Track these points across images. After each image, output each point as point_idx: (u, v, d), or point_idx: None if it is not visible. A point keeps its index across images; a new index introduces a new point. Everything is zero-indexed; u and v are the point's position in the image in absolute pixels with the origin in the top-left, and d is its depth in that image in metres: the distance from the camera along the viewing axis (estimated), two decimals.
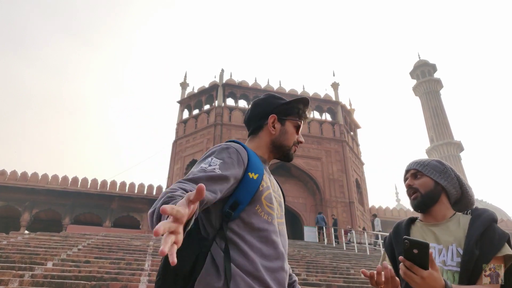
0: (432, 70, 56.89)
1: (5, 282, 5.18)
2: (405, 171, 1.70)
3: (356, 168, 29.20)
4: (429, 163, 1.66)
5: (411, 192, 1.62)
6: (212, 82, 29.44)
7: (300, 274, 8.05)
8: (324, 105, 30.09)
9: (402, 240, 1.49)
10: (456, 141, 50.15)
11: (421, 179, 1.62)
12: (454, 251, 1.46)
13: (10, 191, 23.98)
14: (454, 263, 1.44)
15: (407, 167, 1.70)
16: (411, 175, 1.65)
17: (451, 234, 1.51)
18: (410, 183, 1.63)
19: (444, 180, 1.62)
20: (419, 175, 1.63)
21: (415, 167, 1.66)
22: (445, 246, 1.49)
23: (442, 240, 1.51)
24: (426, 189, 1.59)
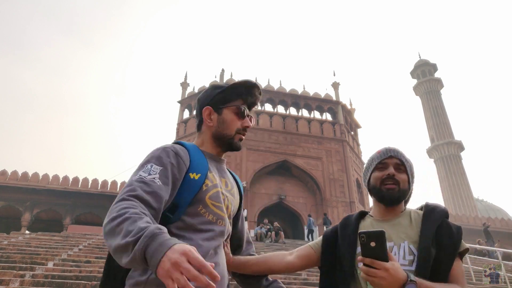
0: (432, 70, 56.82)
1: (6, 282, 5.19)
2: (387, 154, 1.55)
3: (357, 167, 29.19)
4: (408, 160, 1.57)
5: (391, 182, 1.49)
6: (212, 82, 29.44)
7: (301, 274, 8.05)
8: (324, 105, 30.08)
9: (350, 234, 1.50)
10: (457, 140, 50.07)
11: (402, 174, 1.52)
12: (406, 248, 1.38)
13: (11, 191, 23.98)
14: (406, 262, 1.35)
15: (390, 151, 1.56)
16: (395, 165, 1.53)
17: (403, 230, 1.44)
18: (393, 173, 1.50)
19: (412, 183, 1.57)
20: (402, 168, 1.53)
21: (401, 158, 1.55)
22: (396, 244, 1.40)
23: (393, 237, 1.42)
24: (404, 187, 1.50)
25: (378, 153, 1.58)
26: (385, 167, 1.53)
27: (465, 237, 18.10)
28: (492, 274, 9.65)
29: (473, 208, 44.20)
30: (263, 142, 26.02)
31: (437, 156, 50.37)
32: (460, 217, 31.70)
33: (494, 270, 9.71)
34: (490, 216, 36.77)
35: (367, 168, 1.61)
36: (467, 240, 24.99)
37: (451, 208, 44.76)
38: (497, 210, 47.36)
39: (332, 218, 23.86)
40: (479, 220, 30.99)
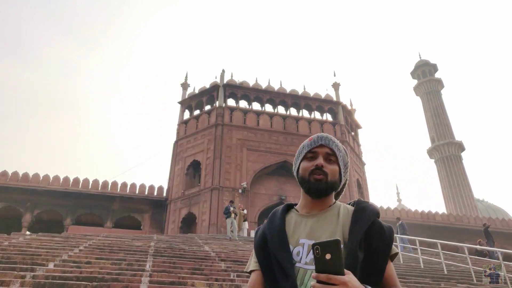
0: (433, 70, 56.81)
1: (6, 283, 5.20)
2: (317, 143, 1.44)
3: (357, 168, 29.20)
4: (341, 150, 1.47)
5: (319, 173, 1.38)
6: (213, 83, 29.44)
7: None
8: (325, 105, 30.09)
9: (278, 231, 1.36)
10: (457, 141, 50.04)
11: (333, 165, 1.42)
12: None
13: (12, 192, 24.02)
14: None
15: (321, 139, 1.45)
16: (325, 155, 1.42)
17: (327, 227, 1.32)
18: (323, 164, 1.39)
19: (345, 174, 1.48)
20: (332, 159, 1.43)
21: (333, 147, 1.44)
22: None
23: (315, 235, 1.30)
24: (333, 178, 1.40)
25: (309, 141, 1.47)
26: (315, 156, 1.43)
27: (466, 237, 18.08)
28: (492, 274, 9.65)
29: (474, 208, 44.16)
30: (263, 142, 26.04)
31: (438, 156, 50.34)
32: (461, 217, 31.70)
33: (494, 270, 9.72)
34: (490, 216, 36.75)
35: (297, 157, 1.50)
36: (467, 241, 25.00)
37: (451, 208, 44.73)
38: (498, 210, 47.33)
39: None
40: (479, 221, 30.97)
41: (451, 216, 31.79)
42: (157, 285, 5.97)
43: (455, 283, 8.65)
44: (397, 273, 7.90)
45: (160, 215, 25.53)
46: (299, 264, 1.26)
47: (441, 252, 11.36)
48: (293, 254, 1.29)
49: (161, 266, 7.79)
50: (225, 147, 25.18)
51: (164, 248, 10.92)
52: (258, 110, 28.60)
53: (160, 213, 25.58)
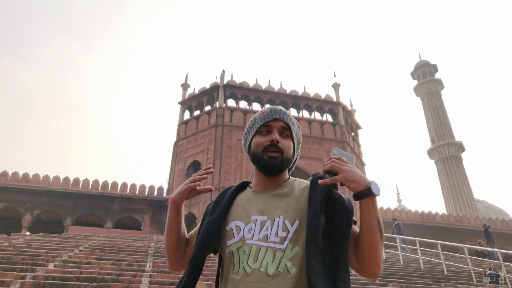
0: (433, 71, 56.78)
1: (6, 283, 5.19)
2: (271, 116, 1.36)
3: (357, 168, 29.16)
4: (295, 124, 1.41)
5: (274, 149, 1.31)
6: (213, 83, 29.44)
7: None
8: (325, 106, 30.08)
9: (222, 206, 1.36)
10: (458, 141, 50.02)
11: (287, 140, 1.36)
12: (280, 224, 1.22)
13: (12, 192, 24.01)
14: (277, 239, 1.19)
15: (275, 113, 1.37)
16: (280, 128, 1.35)
17: (280, 205, 1.27)
18: (278, 139, 1.32)
19: (298, 149, 1.43)
20: (287, 133, 1.36)
21: (287, 121, 1.37)
22: (270, 219, 1.24)
23: (268, 212, 1.26)
24: (288, 155, 1.34)
25: (261, 114, 1.39)
26: (269, 131, 1.35)
27: (466, 238, 18.07)
28: (492, 275, 9.65)
29: (474, 209, 44.14)
30: None
31: (438, 157, 50.33)
32: (461, 218, 31.69)
33: (494, 271, 9.71)
34: (490, 217, 36.73)
35: (249, 131, 1.42)
36: (467, 241, 24.97)
37: (452, 209, 44.70)
38: (498, 211, 47.28)
39: None
40: (479, 221, 30.95)
41: (451, 216, 31.79)
42: (157, 285, 5.97)
43: (455, 283, 8.64)
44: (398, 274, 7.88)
45: (160, 215, 25.51)
46: (251, 241, 1.20)
47: (441, 253, 11.35)
48: (244, 231, 1.23)
49: (161, 267, 7.79)
50: (225, 147, 25.18)
51: (164, 248, 10.91)
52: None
53: (160, 214, 25.56)
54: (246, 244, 1.20)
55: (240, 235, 1.23)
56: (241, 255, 1.19)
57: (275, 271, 1.14)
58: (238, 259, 1.19)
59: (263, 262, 1.16)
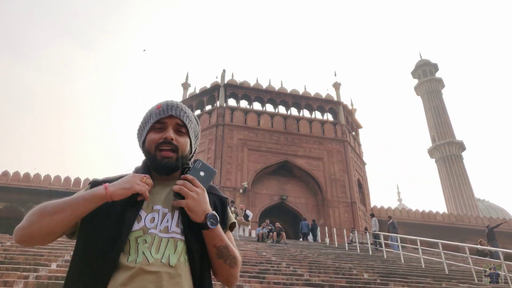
0: (433, 70, 56.77)
1: (10, 283, 5.22)
2: (166, 113, 1.29)
3: (358, 168, 29.20)
4: (193, 120, 1.37)
5: (168, 147, 1.26)
6: (213, 83, 29.47)
7: (303, 275, 8.07)
8: (325, 105, 30.10)
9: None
10: (458, 140, 50.02)
11: (184, 137, 1.31)
12: (180, 216, 1.23)
13: (13, 192, 24.05)
14: (178, 230, 1.20)
15: (170, 109, 1.30)
16: (175, 125, 1.30)
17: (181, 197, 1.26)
18: (172, 137, 1.27)
19: (195, 144, 1.40)
20: (183, 130, 1.32)
21: (184, 118, 1.32)
22: (170, 211, 1.23)
23: (168, 204, 1.24)
24: (184, 153, 1.30)
25: (157, 109, 1.32)
26: (163, 127, 1.29)
27: (467, 237, 18.01)
28: (492, 274, 9.66)
29: (475, 208, 44.14)
30: (264, 142, 26.05)
31: (438, 156, 50.33)
32: (462, 217, 31.70)
33: (494, 270, 9.73)
34: (491, 216, 36.75)
35: (144, 126, 1.34)
36: (468, 240, 24.98)
37: (452, 208, 44.72)
38: (499, 210, 47.27)
39: (334, 219, 23.91)
40: (480, 220, 30.98)
41: (452, 215, 31.79)
42: None
43: (457, 283, 8.66)
44: (399, 273, 7.88)
45: None
46: (154, 231, 1.18)
47: (442, 252, 11.36)
48: (146, 220, 1.20)
49: None
50: (226, 147, 25.21)
51: None
52: (259, 110, 28.62)
53: None
54: (148, 234, 1.17)
55: (141, 224, 1.19)
56: (140, 244, 1.16)
57: (177, 261, 1.16)
58: (136, 248, 1.15)
59: (165, 253, 1.16)
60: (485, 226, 22.05)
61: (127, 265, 1.12)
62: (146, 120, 1.33)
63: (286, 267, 9.13)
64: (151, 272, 1.11)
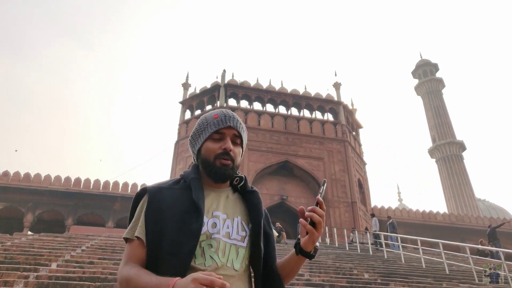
0: (434, 70, 56.71)
1: (10, 283, 5.21)
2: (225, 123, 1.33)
3: (358, 168, 29.18)
4: (245, 130, 1.40)
5: (227, 158, 1.30)
6: (214, 83, 29.46)
7: (303, 275, 8.07)
8: (326, 105, 30.08)
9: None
10: (459, 140, 49.97)
11: (238, 147, 1.35)
12: (239, 224, 1.28)
13: (13, 192, 24.05)
14: (238, 237, 1.25)
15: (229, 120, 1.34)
16: (232, 136, 1.34)
17: (234, 204, 1.33)
18: (231, 148, 1.31)
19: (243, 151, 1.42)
20: (238, 141, 1.35)
21: (240, 130, 1.35)
22: (230, 217, 1.28)
23: (228, 210, 1.30)
24: (238, 162, 1.35)
25: (214, 118, 1.34)
26: (222, 138, 1.32)
27: (467, 237, 17.97)
28: (492, 274, 9.65)
29: (475, 208, 44.11)
30: (264, 142, 26.04)
31: (439, 156, 50.29)
32: (462, 217, 31.66)
33: (494, 270, 9.72)
34: (492, 216, 36.70)
35: (199, 134, 1.36)
36: (469, 240, 24.96)
37: (453, 208, 44.70)
38: (499, 210, 47.23)
39: (334, 219, 23.88)
40: (481, 220, 30.94)
41: (452, 215, 31.76)
42: None
43: (457, 283, 8.65)
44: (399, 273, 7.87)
45: None
46: (217, 236, 1.22)
47: (443, 252, 11.35)
48: (208, 225, 1.23)
49: None
50: None
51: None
52: (259, 110, 28.62)
53: None
54: (213, 239, 1.21)
55: (204, 229, 1.21)
56: (205, 248, 1.20)
57: (240, 267, 1.22)
58: (202, 252, 1.19)
59: (229, 257, 1.21)
60: (486, 226, 22.02)
61: (196, 267, 1.17)
62: (202, 128, 1.35)
63: None
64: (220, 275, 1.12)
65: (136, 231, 1.22)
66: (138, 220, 1.25)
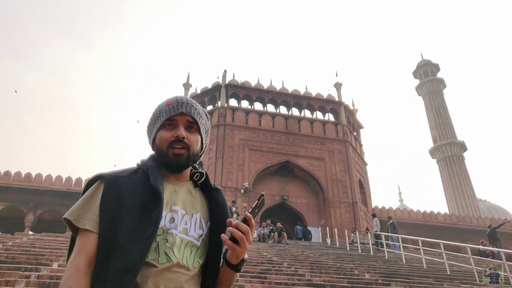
0: (435, 70, 56.66)
1: (11, 283, 5.22)
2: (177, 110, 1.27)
3: (359, 168, 29.16)
4: (203, 116, 1.34)
5: (180, 146, 1.24)
6: (214, 83, 29.47)
7: (304, 275, 8.07)
8: (327, 106, 30.07)
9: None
10: (460, 141, 49.91)
11: (195, 134, 1.29)
12: (198, 221, 1.24)
13: (14, 192, 24.08)
14: (195, 235, 1.21)
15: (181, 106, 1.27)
16: (185, 122, 1.27)
17: (194, 200, 1.28)
18: (183, 135, 1.24)
19: (206, 142, 1.37)
20: (194, 127, 1.29)
21: (194, 116, 1.29)
22: (189, 213, 1.23)
23: (186, 206, 1.25)
24: (195, 150, 1.27)
25: (166, 106, 1.28)
26: (174, 125, 1.26)
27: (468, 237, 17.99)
28: (492, 274, 9.65)
29: (476, 208, 44.06)
30: (265, 142, 26.04)
31: (440, 156, 50.24)
32: (463, 217, 31.62)
33: (494, 270, 9.71)
34: (493, 216, 36.65)
35: (153, 123, 1.30)
36: (470, 241, 24.93)
37: (454, 209, 44.65)
38: (500, 211, 47.17)
39: (335, 219, 23.87)
40: (482, 221, 30.89)
41: (453, 216, 31.73)
42: None
43: (458, 283, 8.65)
44: (400, 274, 7.86)
45: None
46: (174, 231, 1.17)
47: (444, 252, 11.34)
48: (166, 219, 1.18)
49: None
50: (227, 147, 25.20)
51: None
52: (260, 110, 28.62)
53: None
54: (169, 233, 1.16)
55: (161, 223, 1.17)
56: (160, 243, 1.15)
57: (192, 266, 1.18)
58: (156, 246, 1.14)
59: (184, 254, 1.17)
60: (486, 226, 21.99)
61: (149, 262, 1.12)
62: (155, 117, 1.30)
63: (288, 267, 9.13)
64: (172, 272, 1.13)
65: (86, 223, 1.13)
66: (89, 209, 1.15)
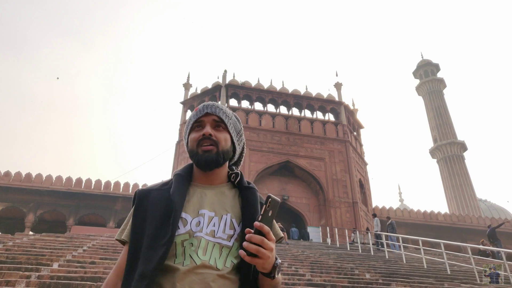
0: (435, 70, 56.67)
1: (12, 283, 5.22)
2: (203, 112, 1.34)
3: (360, 168, 29.16)
4: (232, 117, 1.39)
5: (207, 143, 1.29)
6: (215, 83, 29.49)
7: (305, 275, 8.07)
8: (327, 105, 30.07)
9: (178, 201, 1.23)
10: (460, 140, 49.91)
11: (222, 132, 1.33)
12: (228, 222, 1.24)
13: (15, 192, 24.10)
14: (225, 236, 1.21)
15: (206, 108, 1.35)
16: (212, 122, 1.33)
17: (227, 201, 1.30)
18: (210, 132, 1.30)
19: (240, 141, 1.41)
20: (221, 127, 1.34)
21: (220, 114, 1.35)
22: (218, 215, 1.25)
23: (216, 208, 1.26)
24: (225, 148, 1.31)
25: (195, 111, 1.37)
26: (201, 125, 1.34)
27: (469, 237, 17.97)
28: (492, 274, 9.64)
29: (476, 208, 44.06)
30: (265, 142, 26.04)
31: (440, 156, 50.24)
32: (463, 217, 31.62)
33: (494, 270, 9.71)
34: (493, 216, 36.66)
35: (186, 129, 1.40)
36: (470, 241, 24.95)
37: (454, 208, 44.64)
38: (501, 210, 47.19)
39: (335, 219, 23.87)
40: (482, 221, 30.90)
41: (454, 216, 31.72)
42: None
43: (459, 283, 8.64)
44: (401, 273, 7.86)
45: None
46: (199, 234, 1.20)
47: (444, 252, 11.34)
48: (192, 224, 1.21)
49: None
50: None
51: None
52: (260, 110, 28.62)
53: None
54: (194, 237, 1.19)
55: (187, 228, 1.20)
56: (187, 247, 1.18)
57: (223, 266, 1.17)
58: (183, 251, 1.17)
59: (211, 256, 1.18)
60: (487, 226, 22.00)
61: (175, 266, 1.15)
62: (187, 124, 1.39)
63: (288, 267, 9.13)
64: (197, 273, 1.14)
65: (123, 234, 1.27)
66: (127, 223, 1.29)
